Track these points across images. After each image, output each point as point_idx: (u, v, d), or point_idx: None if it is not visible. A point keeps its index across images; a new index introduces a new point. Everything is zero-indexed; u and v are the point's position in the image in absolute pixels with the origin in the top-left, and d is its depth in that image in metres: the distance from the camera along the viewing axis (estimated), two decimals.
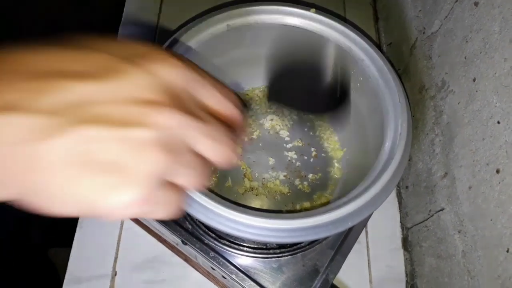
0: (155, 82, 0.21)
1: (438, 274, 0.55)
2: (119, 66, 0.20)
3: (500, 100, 0.44)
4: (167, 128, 0.20)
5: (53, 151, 0.18)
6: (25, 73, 0.19)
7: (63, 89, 0.19)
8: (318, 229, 0.38)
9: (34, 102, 0.18)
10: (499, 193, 0.43)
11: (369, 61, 0.49)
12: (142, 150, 0.19)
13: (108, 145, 0.19)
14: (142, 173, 0.20)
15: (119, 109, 0.19)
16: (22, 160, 0.18)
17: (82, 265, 0.58)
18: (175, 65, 0.22)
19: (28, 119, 0.18)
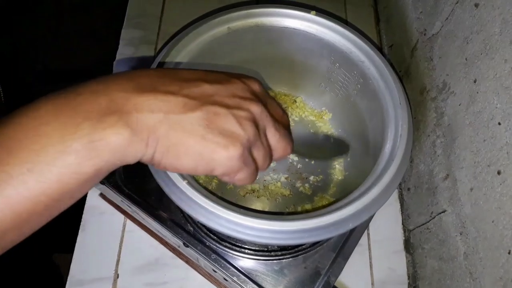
0: (248, 89, 0.34)
1: (440, 276, 0.55)
2: (231, 79, 0.34)
3: (500, 101, 0.44)
4: (254, 112, 0.32)
5: (190, 119, 0.30)
6: (179, 78, 0.32)
7: (199, 87, 0.31)
8: (319, 231, 0.39)
9: (183, 91, 0.31)
10: (500, 195, 0.43)
11: (369, 62, 0.49)
12: (242, 123, 0.31)
13: (223, 118, 0.31)
14: (242, 137, 0.31)
15: (229, 99, 0.32)
16: (170, 124, 0.29)
17: (84, 267, 0.58)
18: (258, 83, 0.36)
19: (178, 99, 0.30)
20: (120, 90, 0.29)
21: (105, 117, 0.28)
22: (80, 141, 0.27)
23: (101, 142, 0.27)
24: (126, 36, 0.76)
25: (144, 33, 0.77)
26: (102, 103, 0.28)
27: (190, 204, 0.38)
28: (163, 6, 0.80)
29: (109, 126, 0.27)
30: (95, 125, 0.27)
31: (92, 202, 0.62)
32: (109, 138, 0.27)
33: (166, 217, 0.52)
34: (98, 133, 0.27)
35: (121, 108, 0.28)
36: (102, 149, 0.27)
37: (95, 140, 0.27)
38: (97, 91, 0.29)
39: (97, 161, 0.28)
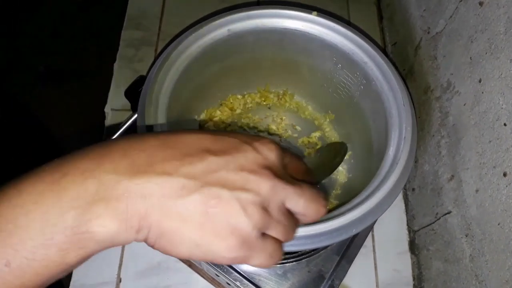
0: (260, 158, 0.29)
1: (446, 278, 0.54)
2: (242, 146, 0.29)
3: (506, 102, 0.43)
4: (263, 192, 0.28)
5: (187, 204, 0.26)
6: (181, 150, 0.28)
7: (203, 161, 0.27)
8: (322, 237, 0.38)
9: (182, 169, 0.27)
10: (506, 197, 0.43)
11: (372, 63, 0.48)
12: (247, 208, 0.27)
13: (225, 203, 0.27)
14: (245, 225, 0.27)
15: (235, 175, 0.28)
16: (164, 210, 0.26)
17: (86, 272, 0.57)
18: (274, 147, 0.31)
19: (174, 180, 0.26)
20: (111, 171, 0.26)
21: (92, 206, 0.25)
22: (63, 233, 0.24)
23: (87, 234, 0.25)
24: (127, 37, 0.76)
25: (144, 34, 0.76)
26: (90, 187, 0.25)
27: None
28: (163, 7, 0.79)
29: (96, 217, 0.25)
30: (80, 215, 0.25)
31: None
32: (94, 230, 0.25)
33: None
34: (83, 225, 0.25)
35: (110, 194, 0.25)
36: (87, 241, 0.25)
37: (79, 232, 0.25)
38: (87, 171, 0.26)
39: (82, 252, 0.25)
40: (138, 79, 0.59)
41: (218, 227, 0.27)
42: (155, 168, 0.27)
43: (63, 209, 0.25)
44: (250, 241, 0.28)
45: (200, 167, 0.27)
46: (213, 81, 0.54)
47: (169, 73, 0.45)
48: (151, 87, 0.44)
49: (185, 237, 0.27)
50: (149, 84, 0.44)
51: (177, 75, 0.46)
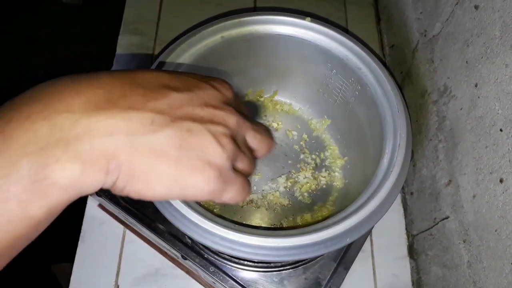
0: (219, 95, 0.30)
1: (444, 283, 0.54)
2: (200, 84, 0.29)
3: (502, 107, 0.42)
4: (231, 125, 0.28)
5: (160, 139, 0.25)
6: (140, 86, 0.26)
7: (167, 97, 0.26)
8: (316, 246, 0.38)
9: (148, 104, 0.25)
10: (503, 203, 0.42)
11: (366, 69, 0.48)
12: (220, 139, 0.27)
13: (198, 135, 0.26)
14: (221, 156, 0.27)
15: (202, 110, 0.27)
16: (135, 147, 0.24)
17: (84, 279, 0.57)
18: (229, 86, 0.32)
19: (142, 115, 0.25)
20: (64, 111, 0.23)
21: (47, 150, 0.22)
22: (19, 184, 0.22)
23: (46, 181, 0.22)
24: (123, 42, 0.76)
25: (141, 39, 0.76)
26: (41, 130, 0.23)
27: (184, 222, 0.38)
28: (160, 12, 0.79)
29: (54, 161, 0.22)
30: (35, 162, 0.22)
31: (91, 212, 0.61)
32: (55, 175, 0.22)
33: (163, 229, 0.52)
34: (41, 172, 0.22)
35: (67, 135, 0.23)
36: (49, 189, 0.23)
37: (37, 180, 0.22)
38: (33, 113, 0.23)
39: (46, 202, 0.23)
40: None
41: (194, 160, 0.26)
42: (117, 103, 0.25)
43: (13, 158, 0.22)
44: (225, 172, 0.28)
45: (166, 102, 0.26)
46: None
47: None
48: None
49: (161, 174, 0.25)
50: None
51: None
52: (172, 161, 0.25)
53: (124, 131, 0.24)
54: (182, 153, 0.26)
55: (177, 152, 0.25)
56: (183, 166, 0.26)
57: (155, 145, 0.25)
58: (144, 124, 0.25)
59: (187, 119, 0.26)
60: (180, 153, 0.26)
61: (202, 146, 0.26)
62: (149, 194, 0.26)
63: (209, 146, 0.27)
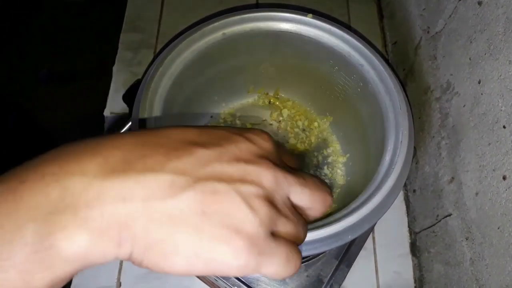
0: (254, 147, 0.26)
1: (447, 281, 0.53)
2: (232, 137, 0.26)
3: (505, 104, 0.42)
4: (265, 183, 0.24)
5: (179, 205, 0.22)
6: (163, 145, 0.24)
7: (191, 154, 0.23)
8: (317, 243, 0.38)
9: (168, 164, 0.22)
10: (506, 201, 0.42)
11: (368, 66, 0.48)
12: (251, 202, 0.23)
13: (224, 198, 0.23)
14: (251, 223, 0.23)
15: (231, 166, 0.24)
16: (151, 215, 0.21)
17: (86, 277, 0.58)
18: (267, 137, 0.28)
19: (161, 177, 0.22)
20: (78, 173, 0.21)
21: (54, 216, 0.21)
22: (22, 252, 0.20)
23: (50, 251, 0.20)
24: (125, 39, 0.76)
25: (143, 37, 0.76)
26: (52, 194, 0.21)
27: None
28: (162, 9, 0.79)
29: (60, 229, 0.20)
30: (40, 228, 0.20)
31: None
32: (59, 245, 0.20)
33: None
34: (46, 240, 0.20)
35: (77, 201, 0.21)
36: (53, 259, 0.21)
37: (41, 249, 0.20)
38: (48, 174, 0.21)
39: (49, 274, 0.21)
40: (135, 83, 0.59)
41: (219, 228, 0.22)
42: (135, 165, 0.22)
43: (20, 222, 0.20)
44: (259, 242, 0.23)
45: (190, 160, 0.23)
46: (209, 85, 0.54)
47: (164, 78, 0.45)
48: (145, 93, 0.44)
49: (180, 246, 0.22)
50: (143, 90, 0.44)
51: (171, 80, 0.46)
52: (192, 230, 0.22)
53: (139, 197, 0.22)
54: (205, 220, 0.22)
55: (198, 219, 0.22)
56: (205, 236, 0.22)
57: (173, 212, 0.22)
58: (161, 187, 0.22)
59: (213, 178, 0.23)
60: (202, 220, 0.22)
61: (228, 211, 0.23)
62: (169, 269, 0.23)
63: (237, 211, 0.23)
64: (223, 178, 0.23)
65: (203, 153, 0.24)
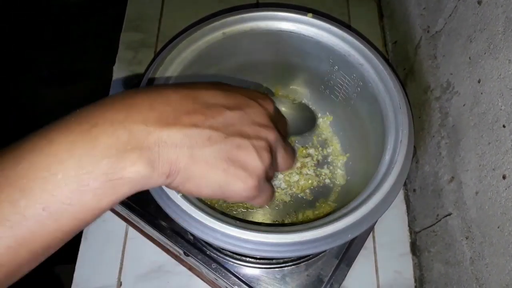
0: (264, 111, 0.35)
1: (447, 280, 0.53)
2: (249, 103, 0.35)
3: (505, 103, 0.42)
4: (270, 140, 0.34)
5: (214, 152, 0.30)
6: (201, 104, 0.32)
7: (222, 115, 0.32)
8: (317, 242, 0.38)
9: (207, 122, 0.31)
10: (506, 200, 0.42)
11: (368, 65, 0.48)
12: (261, 153, 0.32)
13: (245, 150, 0.32)
14: (260, 168, 0.32)
15: (249, 127, 0.33)
16: (193, 157, 0.30)
17: (87, 276, 0.58)
18: (270, 101, 0.37)
19: (202, 132, 0.30)
20: (141, 122, 0.28)
21: (125, 154, 0.27)
22: (98, 180, 0.26)
23: (121, 180, 0.27)
24: (126, 39, 0.76)
25: (143, 36, 0.76)
26: (122, 137, 0.27)
27: (185, 218, 0.38)
28: (162, 8, 0.79)
29: (130, 164, 0.27)
30: (114, 163, 0.27)
31: None
32: (129, 176, 0.27)
33: (166, 226, 0.52)
34: (118, 172, 0.27)
35: (142, 144, 0.28)
36: (122, 185, 0.27)
37: (114, 178, 0.27)
38: (116, 121, 0.28)
39: (116, 197, 0.27)
40: (136, 82, 0.58)
41: (239, 170, 0.31)
42: (183, 120, 0.30)
43: (97, 157, 0.26)
44: (262, 182, 0.33)
45: (221, 120, 0.31)
46: None
47: (163, 78, 0.45)
48: None
49: (210, 180, 0.31)
50: None
51: (171, 80, 0.46)
52: (221, 171, 0.31)
53: (186, 145, 0.29)
54: (230, 164, 0.31)
55: (225, 163, 0.31)
56: (229, 175, 0.31)
57: (209, 157, 0.30)
58: (202, 139, 0.30)
59: (237, 135, 0.32)
60: (228, 164, 0.31)
61: (246, 159, 0.32)
62: (197, 194, 0.32)
63: (252, 159, 0.32)
64: (244, 136, 0.32)
65: (230, 115, 0.32)
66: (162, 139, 0.28)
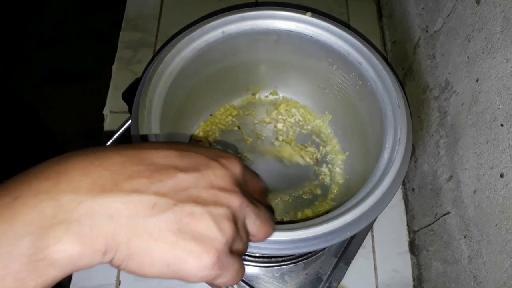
0: (227, 173, 0.30)
1: (445, 279, 0.54)
2: (209, 163, 0.29)
3: (503, 102, 0.42)
4: (233, 207, 0.28)
5: (159, 223, 0.25)
6: (148, 165, 0.27)
7: (172, 178, 0.27)
8: (316, 240, 0.38)
9: (152, 187, 0.26)
10: (503, 198, 0.42)
11: (367, 64, 0.48)
12: (220, 223, 0.27)
13: (199, 219, 0.26)
14: (219, 240, 0.26)
15: (206, 191, 0.27)
16: (134, 230, 0.25)
17: (86, 275, 0.58)
18: (237, 162, 0.31)
19: (145, 198, 0.25)
20: (70, 191, 0.24)
21: (49, 231, 0.23)
22: (18, 262, 0.22)
23: (45, 261, 0.23)
24: (125, 38, 0.76)
25: (142, 35, 0.76)
26: (46, 211, 0.23)
27: None
28: (161, 8, 0.79)
29: (55, 242, 0.23)
30: (35, 241, 0.23)
31: None
32: (54, 256, 0.23)
33: None
34: (41, 252, 0.23)
35: (70, 217, 0.23)
36: (47, 268, 0.23)
37: (36, 259, 0.23)
38: (42, 192, 0.24)
39: (42, 280, 0.23)
40: (135, 81, 0.59)
41: (192, 245, 0.26)
42: (122, 186, 0.25)
43: (17, 236, 0.23)
44: (223, 258, 0.27)
45: (171, 184, 0.26)
46: (208, 83, 0.54)
47: (163, 77, 0.45)
48: (144, 91, 0.44)
49: (156, 258, 0.25)
50: (143, 88, 0.44)
51: (171, 78, 0.46)
52: (168, 246, 0.25)
53: (124, 215, 0.25)
54: (180, 237, 0.26)
55: (174, 236, 0.25)
56: (179, 251, 0.26)
57: (153, 229, 0.25)
58: (145, 207, 0.25)
59: (190, 201, 0.26)
60: (178, 237, 0.26)
61: (201, 231, 0.26)
62: (142, 274, 0.26)
63: (209, 231, 0.26)
64: (198, 202, 0.27)
65: (183, 178, 0.27)
66: (95, 209, 0.24)
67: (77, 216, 0.24)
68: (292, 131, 0.61)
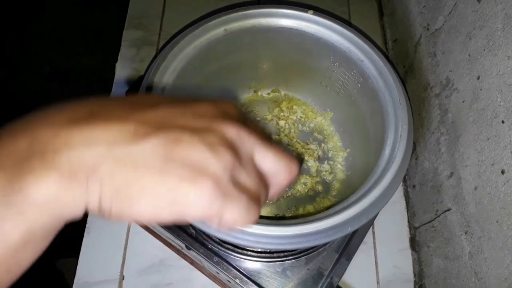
0: (218, 110, 0.26)
1: (446, 275, 0.54)
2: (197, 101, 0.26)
3: (504, 99, 0.43)
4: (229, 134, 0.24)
5: (142, 149, 0.22)
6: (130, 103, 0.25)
7: (155, 109, 0.24)
8: (318, 235, 0.38)
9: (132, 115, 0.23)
10: (504, 195, 0.42)
11: (368, 62, 0.48)
12: (214, 148, 0.23)
13: (187, 145, 0.23)
14: (214, 166, 0.23)
15: (195, 120, 0.24)
16: (116, 159, 0.22)
17: (90, 270, 0.58)
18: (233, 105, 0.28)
19: (124, 125, 0.22)
20: (46, 126, 0.22)
21: (23, 163, 0.21)
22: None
23: (20, 195, 0.20)
24: (128, 37, 0.76)
25: (145, 34, 0.76)
26: (21, 145, 0.21)
27: None
28: (164, 6, 0.79)
29: (27, 172, 0.20)
30: (10, 175, 0.20)
31: None
32: (28, 188, 0.20)
33: None
34: (15, 183, 0.20)
35: (46, 148, 0.21)
36: (23, 205, 0.20)
37: (10, 193, 0.20)
38: (16, 131, 0.22)
39: (22, 222, 0.20)
40: (138, 79, 0.59)
41: (183, 170, 0.22)
42: (100, 115, 0.23)
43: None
44: (223, 183, 0.23)
45: (153, 114, 0.24)
46: (211, 81, 0.55)
47: (166, 74, 0.46)
48: (147, 89, 0.44)
49: (144, 188, 0.22)
50: (146, 86, 0.45)
51: (174, 76, 0.46)
52: (156, 172, 0.22)
53: (103, 142, 0.22)
54: (168, 163, 0.22)
55: (161, 162, 0.22)
56: (170, 176, 0.22)
57: (136, 156, 0.22)
58: (125, 134, 0.22)
59: (176, 128, 0.23)
60: (166, 163, 0.22)
61: (191, 156, 0.23)
62: (135, 211, 0.22)
63: (201, 156, 0.23)
64: (186, 128, 0.23)
65: (167, 109, 0.24)
66: (71, 138, 0.22)
67: (53, 147, 0.21)
68: (294, 128, 0.62)
